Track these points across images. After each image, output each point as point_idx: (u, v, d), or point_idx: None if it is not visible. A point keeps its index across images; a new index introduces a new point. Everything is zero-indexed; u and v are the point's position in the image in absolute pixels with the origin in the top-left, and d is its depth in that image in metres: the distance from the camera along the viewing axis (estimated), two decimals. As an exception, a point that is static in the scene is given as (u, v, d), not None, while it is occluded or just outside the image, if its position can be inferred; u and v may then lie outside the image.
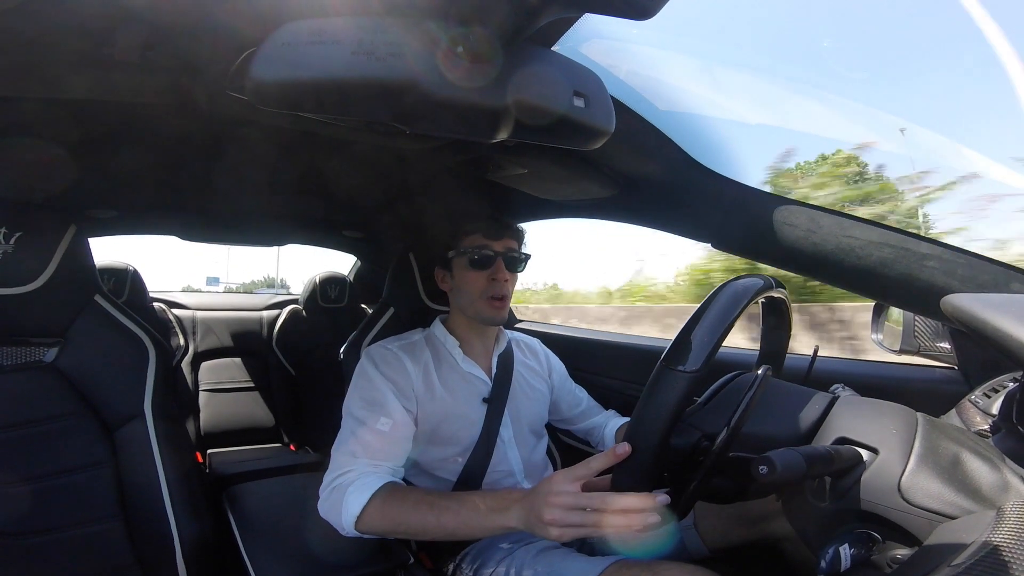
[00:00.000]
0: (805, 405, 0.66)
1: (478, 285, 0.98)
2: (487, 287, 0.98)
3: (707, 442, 0.64)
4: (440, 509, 0.77)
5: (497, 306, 0.98)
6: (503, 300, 0.98)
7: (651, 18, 0.42)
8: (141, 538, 0.91)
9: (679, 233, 0.97)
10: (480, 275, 0.98)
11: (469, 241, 0.99)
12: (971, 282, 0.63)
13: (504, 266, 0.98)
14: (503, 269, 0.98)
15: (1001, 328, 0.54)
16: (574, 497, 0.66)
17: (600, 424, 1.19)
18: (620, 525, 0.61)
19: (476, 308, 0.99)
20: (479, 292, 0.98)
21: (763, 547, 0.87)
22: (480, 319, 1.01)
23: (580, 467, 0.68)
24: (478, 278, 0.98)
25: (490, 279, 0.98)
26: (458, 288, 1.02)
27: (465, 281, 0.99)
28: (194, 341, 2.32)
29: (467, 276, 0.99)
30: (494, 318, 1.00)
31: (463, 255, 0.99)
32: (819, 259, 0.74)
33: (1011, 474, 0.50)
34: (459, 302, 1.03)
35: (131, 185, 1.36)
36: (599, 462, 0.66)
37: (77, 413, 0.91)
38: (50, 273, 0.90)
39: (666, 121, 0.81)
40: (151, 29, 0.54)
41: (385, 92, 0.46)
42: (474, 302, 0.99)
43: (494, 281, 0.97)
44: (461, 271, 1.00)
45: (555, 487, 0.67)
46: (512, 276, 1.01)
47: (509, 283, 0.99)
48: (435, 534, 0.78)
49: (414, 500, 0.80)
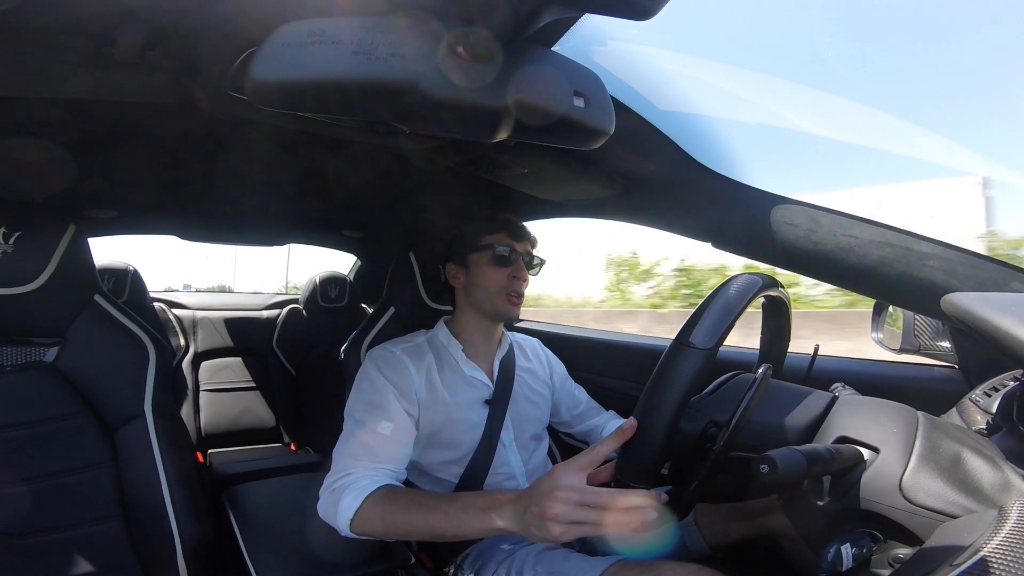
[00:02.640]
0: (805, 404, 0.66)
1: (498, 281, 1.00)
2: (507, 284, 1.00)
3: (714, 428, 0.64)
4: (430, 510, 0.76)
5: (515, 302, 1.01)
6: (520, 298, 1.02)
7: (651, 18, 0.42)
8: (141, 538, 0.91)
9: (679, 233, 0.97)
10: (502, 272, 1.00)
11: (493, 239, 1.01)
12: (971, 281, 0.63)
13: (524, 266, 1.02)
14: (524, 268, 1.02)
15: (1001, 327, 0.54)
16: (581, 493, 0.62)
17: (599, 425, 1.19)
18: (623, 523, 0.60)
19: (494, 303, 1.01)
20: (499, 288, 1.00)
21: (763, 544, 0.87)
22: (496, 313, 1.03)
23: (584, 456, 0.64)
24: (499, 275, 1.00)
25: (511, 276, 1.00)
26: (475, 283, 1.03)
27: (484, 277, 1.01)
28: (194, 341, 2.32)
29: (487, 272, 1.01)
30: (509, 313, 1.02)
31: (485, 251, 1.01)
32: (819, 258, 0.74)
33: (1012, 473, 0.50)
34: (474, 298, 1.04)
35: (131, 185, 1.36)
36: (606, 446, 0.63)
37: (77, 413, 0.91)
38: (49, 273, 0.90)
39: (666, 121, 0.81)
40: (151, 29, 0.54)
41: (385, 92, 0.46)
42: (492, 297, 1.01)
43: (515, 279, 1.01)
44: (481, 267, 1.02)
45: (561, 481, 0.63)
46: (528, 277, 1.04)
47: (526, 283, 1.03)
48: (427, 536, 0.77)
49: (406, 502, 0.79)
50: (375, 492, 0.81)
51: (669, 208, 0.97)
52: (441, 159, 0.97)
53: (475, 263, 1.03)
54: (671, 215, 0.98)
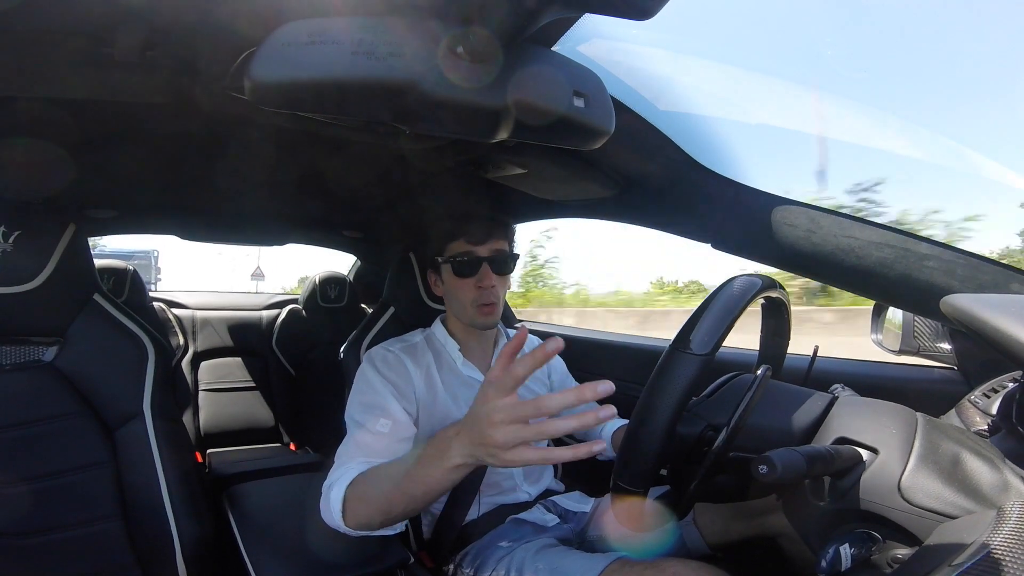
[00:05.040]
0: (805, 405, 0.66)
1: (467, 293, 0.95)
2: (476, 295, 0.95)
3: (712, 432, 0.64)
4: (394, 475, 0.74)
5: (487, 312, 0.96)
6: (491, 306, 0.96)
7: (651, 18, 0.42)
8: (141, 538, 0.91)
9: (679, 233, 0.97)
10: (467, 283, 0.95)
11: (453, 248, 0.96)
12: (971, 282, 0.63)
13: (491, 270, 0.95)
14: (490, 275, 0.95)
15: (1001, 328, 0.54)
16: (513, 408, 0.57)
17: (599, 426, 1.19)
18: (570, 427, 0.56)
19: (468, 315, 0.98)
20: (469, 300, 0.96)
21: (763, 543, 0.87)
22: (473, 325, 1.00)
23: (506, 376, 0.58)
24: (465, 286, 0.95)
25: (477, 286, 0.95)
26: (449, 294, 1.00)
27: (453, 288, 0.97)
28: (194, 341, 2.32)
29: (454, 283, 0.97)
30: (485, 323, 0.98)
31: (447, 262, 0.96)
32: (819, 259, 0.74)
33: (1011, 474, 0.50)
34: (451, 308, 1.02)
35: (130, 185, 1.36)
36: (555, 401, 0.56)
37: (76, 413, 0.91)
38: (49, 272, 0.90)
39: (666, 121, 0.81)
40: (151, 29, 0.54)
41: (385, 92, 0.46)
42: (464, 309, 0.97)
43: (481, 288, 0.95)
44: (448, 277, 0.98)
45: (490, 405, 0.59)
46: (502, 278, 0.97)
47: (498, 287, 0.96)
48: (405, 503, 0.74)
49: (374, 476, 0.78)
50: (356, 478, 0.79)
51: (669, 208, 0.97)
52: (441, 159, 0.97)
53: (444, 272, 0.98)
54: (671, 215, 0.98)
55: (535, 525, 0.96)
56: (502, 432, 0.58)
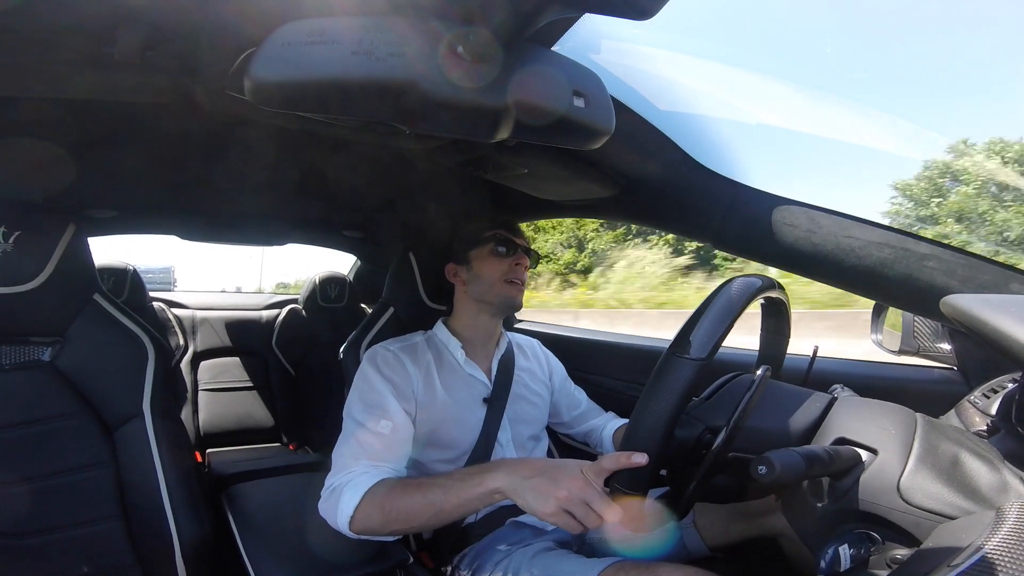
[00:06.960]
0: (804, 406, 0.66)
1: (499, 269, 1.04)
2: (508, 271, 1.04)
3: (710, 435, 0.64)
4: (428, 487, 0.79)
5: (517, 288, 1.05)
6: (522, 283, 1.06)
7: (651, 18, 0.42)
8: (141, 538, 0.91)
9: (679, 233, 0.97)
10: (503, 261, 1.04)
11: (493, 234, 1.05)
12: (971, 282, 0.63)
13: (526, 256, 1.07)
14: (525, 258, 1.06)
15: (1001, 328, 0.54)
16: (595, 495, 0.65)
17: (599, 426, 1.19)
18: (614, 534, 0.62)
19: (496, 291, 1.03)
20: (500, 275, 1.03)
21: (762, 544, 0.87)
22: (499, 299, 1.04)
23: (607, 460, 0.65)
24: (500, 264, 1.04)
25: (512, 264, 1.04)
26: (476, 276, 1.05)
27: (485, 268, 1.04)
28: (193, 341, 2.32)
29: (488, 263, 1.04)
30: (513, 299, 1.04)
31: (486, 244, 1.05)
32: (819, 259, 0.74)
33: (1010, 475, 0.50)
34: (476, 290, 1.06)
35: (131, 185, 1.36)
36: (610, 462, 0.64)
37: (76, 413, 0.91)
38: (49, 272, 0.90)
39: (666, 121, 0.81)
40: (151, 29, 0.54)
41: (385, 92, 0.46)
42: (494, 285, 1.03)
43: (517, 265, 1.04)
44: (482, 260, 1.05)
45: (589, 474, 0.66)
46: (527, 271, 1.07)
47: (527, 270, 1.07)
48: (428, 515, 0.78)
49: (403, 485, 0.82)
50: (374, 486, 0.82)
51: (669, 208, 0.97)
52: (441, 159, 0.97)
53: (476, 258, 1.06)
54: (671, 215, 0.98)
55: (534, 528, 0.96)
56: (575, 496, 0.65)
